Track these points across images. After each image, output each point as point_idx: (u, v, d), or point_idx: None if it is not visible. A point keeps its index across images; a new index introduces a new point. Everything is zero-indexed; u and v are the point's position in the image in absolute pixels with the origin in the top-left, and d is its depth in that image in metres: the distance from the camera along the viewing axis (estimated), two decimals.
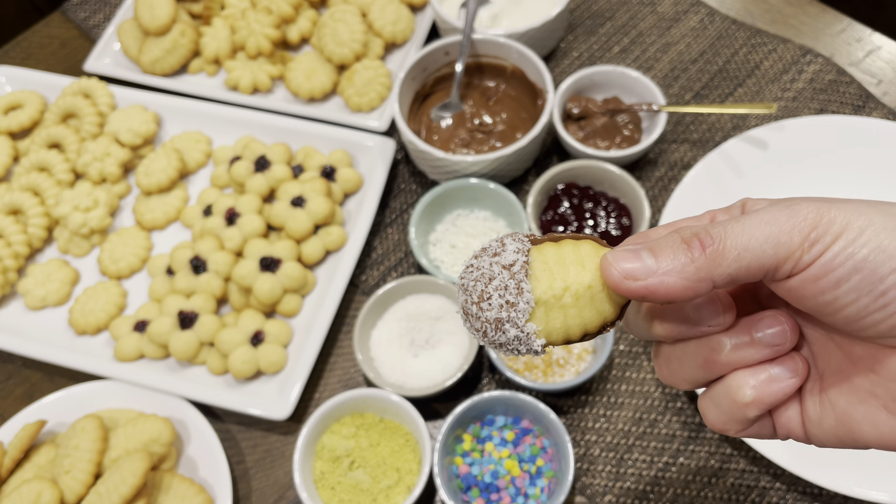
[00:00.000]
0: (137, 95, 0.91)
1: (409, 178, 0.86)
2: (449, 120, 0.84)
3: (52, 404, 0.73)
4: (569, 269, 0.33)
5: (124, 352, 0.75)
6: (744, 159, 0.77)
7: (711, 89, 0.87)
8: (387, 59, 0.93)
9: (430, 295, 0.73)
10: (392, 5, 0.92)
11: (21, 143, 0.90)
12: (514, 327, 0.32)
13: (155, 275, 0.80)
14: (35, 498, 0.64)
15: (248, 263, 0.75)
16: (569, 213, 0.75)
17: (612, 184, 0.76)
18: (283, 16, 0.91)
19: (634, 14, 0.94)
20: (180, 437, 0.71)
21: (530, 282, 0.32)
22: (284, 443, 0.73)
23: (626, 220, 0.75)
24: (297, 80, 0.89)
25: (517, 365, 0.69)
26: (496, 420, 0.67)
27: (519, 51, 0.81)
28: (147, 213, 0.84)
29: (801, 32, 0.90)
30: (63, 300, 0.80)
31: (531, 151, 0.79)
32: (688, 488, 0.66)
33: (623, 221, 0.75)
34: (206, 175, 0.88)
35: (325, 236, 0.79)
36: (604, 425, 0.70)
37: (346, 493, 0.66)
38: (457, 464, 0.66)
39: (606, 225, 0.74)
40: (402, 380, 0.70)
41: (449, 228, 0.78)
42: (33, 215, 0.83)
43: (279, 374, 0.74)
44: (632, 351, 0.73)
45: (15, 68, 0.95)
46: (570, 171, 0.75)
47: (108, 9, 1.04)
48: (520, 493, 0.64)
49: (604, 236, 0.74)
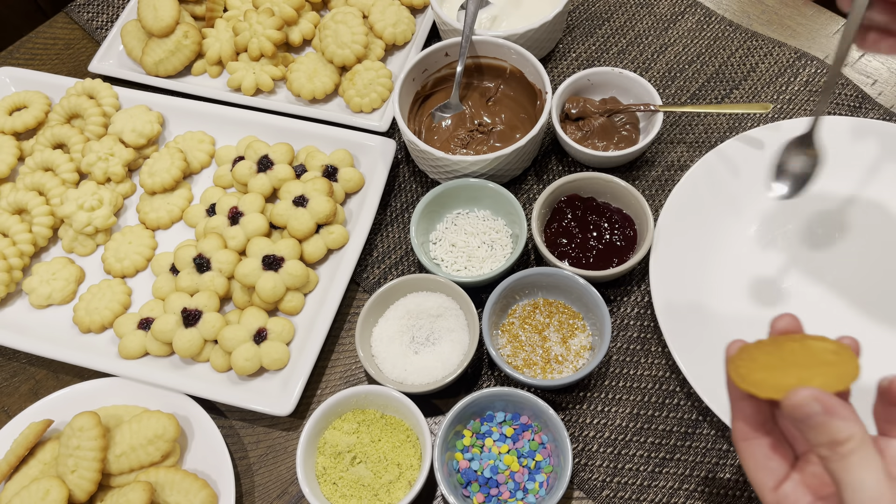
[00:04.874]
0: (141, 96, 0.92)
1: (409, 177, 0.87)
2: (449, 120, 0.85)
3: (56, 401, 0.74)
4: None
5: (128, 349, 0.76)
6: (741, 160, 0.78)
7: (708, 91, 0.88)
8: (387, 61, 0.94)
9: (431, 293, 0.74)
10: (393, 7, 0.93)
11: (26, 144, 0.91)
12: None
13: (159, 273, 0.81)
14: (43, 495, 0.64)
15: (251, 262, 0.76)
16: (573, 225, 0.76)
17: (614, 195, 0.76)
18: (286, 17, 0.92)
19: (632, 16, 0.95)
20: (184, 433, 0.72)
21: None
22: (287, 438, 0.73)
23: (631, 231, 0.75)
24: (299, 81, 0.90)
25: (516, 362, 0.70)
26: (496, 416, 0.68)
27: (518, 52, 0.82)
28: (151, 213, 0.85)
29: (797, 33, 0.91)
30: (68, 298, 0.81)
31: (530, 151, 0.80)
32: (685, 483, 0.67)
33: (627, 233, 0.75)
34: (210, 175, 0.89)
35: (326, 235, 0.80)
36: (602, 421, 0.70)
37: (347, 489, 0.67)
38: (457, 459, 0.67)
39: (611, 236, 0.75)
40: (403, 376, 0.70)
41: (449, 227, 0.79)
42: (38, 214, 0.84)
43: (282, 371, 0.74)
44: (629, 348, 0.74)
45: (19, 69, 0.96)
46: (572, 182, 0.76)
47: (112, 10, 1.05)
48: (519, 488, 0.65)
49: (609, 248, 0.74)
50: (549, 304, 0.73)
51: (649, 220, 0.72)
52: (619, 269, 0.71)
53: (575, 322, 0.72)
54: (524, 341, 0.71)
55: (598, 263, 0.73)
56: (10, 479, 0.69)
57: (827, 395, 0.41)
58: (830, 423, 0.40)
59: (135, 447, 0.68)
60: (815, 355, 0.45)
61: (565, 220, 0.76)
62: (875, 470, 0.40)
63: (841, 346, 0.45)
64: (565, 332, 0.71)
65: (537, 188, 0.83)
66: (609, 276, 0.72)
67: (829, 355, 0.44)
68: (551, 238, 0.75)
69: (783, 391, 0.42)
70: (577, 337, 0.71)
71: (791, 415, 0.42)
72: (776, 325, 0.49)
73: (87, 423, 0.67)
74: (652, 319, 0.75)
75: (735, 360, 0.48)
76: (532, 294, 0.74)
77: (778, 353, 0.46)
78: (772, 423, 0.48)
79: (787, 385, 0.42)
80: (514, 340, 0.71)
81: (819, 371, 0.43)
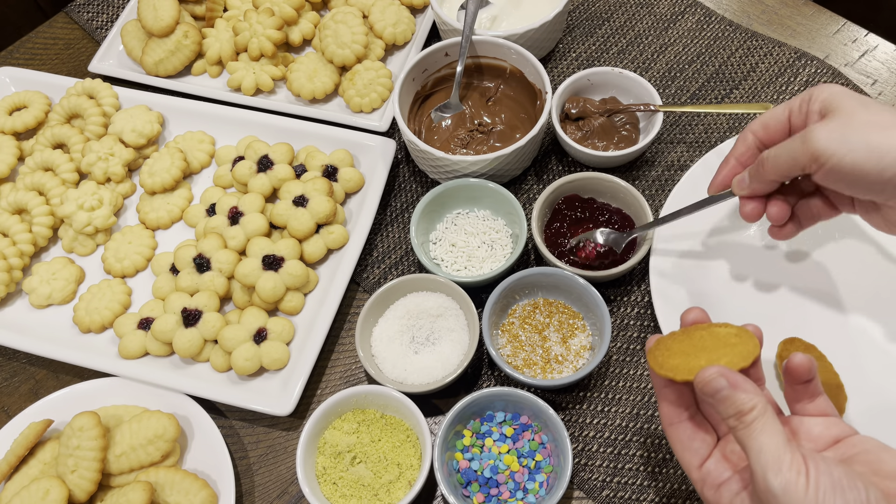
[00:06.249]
0: (141, 96, 0.92)
1: (409, 177, 0.87)
2: (449, 120, 0.85)
3: (56, 401, 0.74)
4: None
5: (129, 349, 0.76)
6: None
7: (708, 91, 0.88)
8: (387, 61, 0.95)
9: (431, 293, 0.74)
10: (393, 7, 0.93)
11: (26, 144, 0.91)
12: None
13: (159, 273, 0.81)
14: (43, 495, 0.64)
15: (251, 262, 0.76)
16: (573, 225, 0.76)
17: (614, 195, 0.76)
18: (286, 17, 0.92)
19: (632, 16, 0.95)
20: (184, 433, 0.72)
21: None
22: (287, 438, 0.73)
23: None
24: (299, 81, 0.90)
25: (516, 362, 0.70)
26: (496, 416, 0.68)
27: (518, 52, 0.82)
28: (151, 213, 0.85)
29: (797, 33, 0.91)
30: (68, 298, 0.81)
31: (530, 151, 0.80)
32: (684, 483, 0.67)
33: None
34: (210, 175, 0.89)
35: (326, 235, 0.80)
36: (602, 421, 0.71)
37: (347, 488, 0.67)
38: (457, 459, 0.67)
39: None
40: (403, 376, 0.70)
41: (449, 227, 0.79)
42: (38, 214, 0.84)
43: (282, 371, 0.74)
44: (629, 348, 0.74)
45: (19, 69, 0.96)
46: (572, 182, 0.76)
47: (112, 10, 1.05)
48: (519, 488, 0.65)
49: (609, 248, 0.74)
50: (549, 304, 0.73)
51: (649, 220, 0.72)
52: (619, 269, 0.71)
53: (575, 322, 0.72)
54: (524, 341, 0.71)
55: (598, 263, 0.73)
56: (10, 479, 0.69)
57: (731, 372, 0.46)
58: (735, 396, 0.45)
59: (135, 447, 0.68)
60: (720, 339, 0.50)
61: (565, 221, 0.76)
62: (775, 434, 0.44)
63: (742, 330, 0.51)
64: (565, 332, 0.71)
65: (537, 188, 0.83)
66: (609, 276, 0.72)
67: (732, 338, 0.50)
68: (551, 238, 0.75)
69: (695, 372, 0.47)
70: (577, 337, 0.71)
71: (702, 391, 0.47)
72: (686, 317, 0.54)
73: (87, 423, 0.67)
74: (652, 319, 0.75)
75: (653, 350, 0.53)
76: (532, 294, 0.74)
77: (689, 341, 0.52)
78: (694, 407, 0.53)
79: (698, 367, 0.48)
80: (514, 340, 0.71)
81: (724, 352, 0.49)
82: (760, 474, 0.43)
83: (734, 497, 0.48)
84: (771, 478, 0.42)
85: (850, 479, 0.42)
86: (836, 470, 0.43)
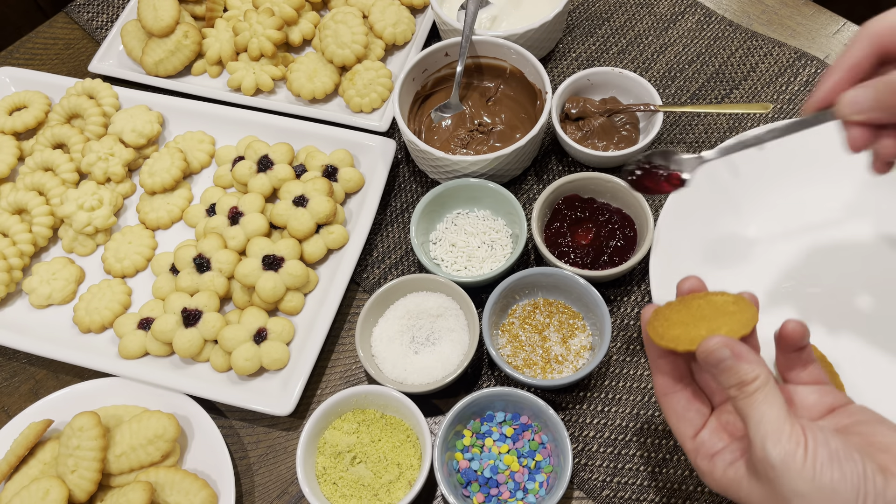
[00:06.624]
0: (141, 96, 0.92)
1: (409, 177, 0.87)
2: (449, 120, 0.85)
3: (56, 401, 0.74)
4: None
5: (129, 349, 0.76)
6: (740, 159, 0.78)
7: (708, 91, 0.88)
8: (387, 61, 0.95)
9: (431, 293, 0.74)
10: (393, 7, 0.93)
11: (26, 144, 0.91)
12: None
13: (159, 273, 0.81)
14: (43, 495, 0.64)
15: (251, 262, 0.76)
16: (573, 225, 0.76)
17: (614, 195, 0.76)
18: (285, 17, 0.92)
19: (632, 16, 0.95)
20: (184, 433, 0.72)
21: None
22: (287, 438, 0.74)
23: (631, 231, 0.75)
24: (299, 81, 0.90)
25: (516, 362, 0.70)
26: (496, 416, 0.68)
27: (518, 52, 0.82)
28: (151, 213, 0.85)
29: (797, 33, 0.91)
30: (68, 298, 0.81)
31: (530, 152, 0.80)
32: (685, 483, 0.67)
33: (627, 232, 0.75)
34: (210, 175, 0.89)
35: (326, 235, 0.80)
36: (602, 421, 0.71)
37: (348, 488, 0.67)
38: (457, 459, 0.67)
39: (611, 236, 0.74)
40: (403, 376, 0.70)
41: (449, 227, 0.79)
42: (38, 214, 0.84)
43: (282, 371, 0.74)
44: (629, 348, 0.74)
45: (19, 69, 0.96)
46: (572, 182, 0.76)
47: (112, 10, 1.05)
48: (519, 488, 0.65)
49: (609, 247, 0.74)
50: (549, 304, 0.73)
51: (649, 220, 0.72)
52: (619, 269, 0.71)
53: (575, 322, 0.72)
54: (524, 341, 0.71)
55: (598, 263, 0.73)
56: (10, 479, 0.69)
57: (735, 342, 0.46)
58: (738, 366, 0.45)
59: (135, 447, 0.68)
60: (718, 308, 0.50)
61: (565, 221, 0.76)
62: (776, 405, 0.44)
63: (739, 298, 0.50)
64: (565, 332, 0.71)
65: (537, 188, 0.83)
66: (609, 276, 0.72)
67: (731, 306, 0.50)
68: (551, 238, 0.75)
69: (697, 342, 0.47)
70: (577, 337, 0.71)
71: (705, 361, 0.46)
72: (682, 286, 0.54)
73: (87, 423, 0.67)
74: None
75: (651, 321, 0.52)
76: (532, 294, 0.74)
77: (687, 310, 0.51)
78: (689, 377, 0.53)
79: (699, 336, 0.47)
80: (514, 340, 0.71)
81: (724, 321, 0.48)
82: (759, 444, 0.43)
83: (728, 467, 0.47)
84: (770, 448, 0.42)
85: (847, 451, 0.42)
86: (833, 441, 0.43)
